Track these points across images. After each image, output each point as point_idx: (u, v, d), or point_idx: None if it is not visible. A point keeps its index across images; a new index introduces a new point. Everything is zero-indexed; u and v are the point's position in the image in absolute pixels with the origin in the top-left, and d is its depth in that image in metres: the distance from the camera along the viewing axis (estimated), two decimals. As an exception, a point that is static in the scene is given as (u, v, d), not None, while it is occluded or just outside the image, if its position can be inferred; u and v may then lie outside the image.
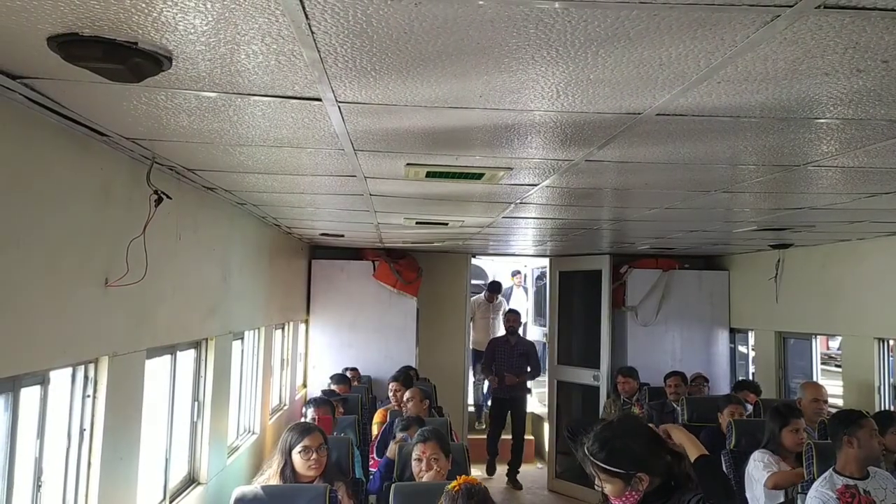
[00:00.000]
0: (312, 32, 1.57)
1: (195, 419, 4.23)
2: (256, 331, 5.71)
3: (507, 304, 13.67)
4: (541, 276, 12.74)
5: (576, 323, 9.03)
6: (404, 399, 5.64)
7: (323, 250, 8.23)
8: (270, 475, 3.86)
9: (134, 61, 1.64)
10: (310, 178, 3.68)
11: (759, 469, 4.55)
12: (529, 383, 9.36)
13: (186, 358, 4.15)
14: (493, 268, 13.55)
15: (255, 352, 5.74)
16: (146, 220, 3.00)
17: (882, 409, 5.71)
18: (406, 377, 6.59)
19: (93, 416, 2.83)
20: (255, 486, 3.51)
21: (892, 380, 5.82)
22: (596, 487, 2.40)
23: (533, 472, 9.21)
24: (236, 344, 5.08)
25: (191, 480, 4.21)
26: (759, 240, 6.34)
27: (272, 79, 1.95)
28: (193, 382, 4.24)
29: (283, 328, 6.94)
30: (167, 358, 3.79)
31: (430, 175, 3.35)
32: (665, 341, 8.18)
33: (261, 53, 1.74)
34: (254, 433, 5.65)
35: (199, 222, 3.99)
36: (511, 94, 2.06)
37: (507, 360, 8.67)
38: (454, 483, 2.75)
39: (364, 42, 1.63)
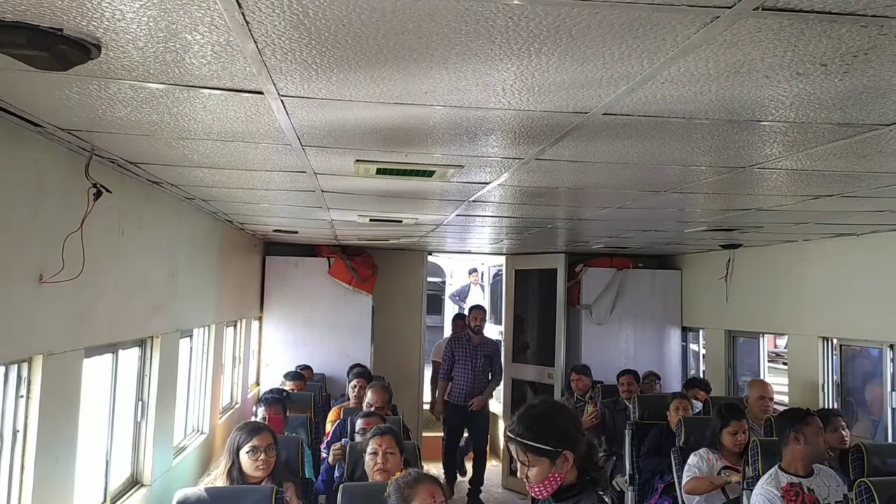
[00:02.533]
0: (247, 22, 1.52)
1: (139, 419, 4.12)
2: (206, 328, 5.59)
3: (465, 302, 13.71)
4: (498, 274, 12.78)
5: (531, 321, 9.07)
6: (368, 400, 5.55)
7: (277, 247, 8.12)
8: (217, 476, 3.79)
9: (59, 48, 1.57)
10: (259, 174, 3.61)
11: (684, 472, 4.63)
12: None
13: (130, 356, 4.04)
14: (451, 265, 13.56)
15: (205, 350, 5.63)
16: (84, 214, 2.90)
17: (825, 406, 5.85)
18: (368, 374, 6.55)
19: (26, 416, 2.73)
20: (198, 488, 3.43)
21: (835, 378, 5.96)
22: (519, 476, 2.37)
23: (487, 470, 9.23)
24: (184, 342, 4.97)
25: (134, 482, 4.10)
26: (709, 240, 6.43)
27: (210, 70, 1.90)
28: (137, 381, 4.13)
29: (235, 325, 6.82)
30: (108, 357, 3.69)
31: (380, 172, 3.32)
32: (619, 339, 8.27)
33: (196, 43, 1.69)
34: (202, 433, 5.55)
35: (144, 217, 3.88)
36: (457, 91, 2.03)
37: (470, 363, 7.73)
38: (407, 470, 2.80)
39: (302, 34, 1.59)
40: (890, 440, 5.36)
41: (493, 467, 9.39)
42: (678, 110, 2.16)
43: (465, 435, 8.20)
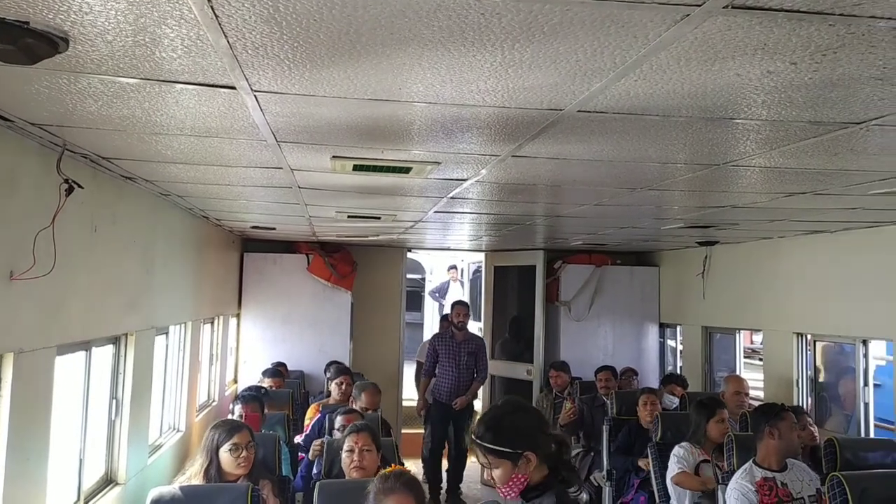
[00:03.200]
0: (217, 16, 1.51)
1: (113, 417, 4.08)
2: (182, 325, 5.55)
3: (444, 299, 13.72)
4: (477, 271, 12.79)
5: (510, 318, 9.09)
6: (353, 396, 5.53)
7: (255, 243, 8.07)
8: (193, 475, 3.74)
9: (26, 42, 1.55)
10: (235, 170, 3.58)
11: (672, 462, 4.66)
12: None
13: (104, 354, 4.00)
14: (430, 262, 13.55)
15: (181, 347, 5.58)
16: (55, 210, 2.86)
17: (800, 401, 5.92)
18: (350, 371, 6.53)
19: (-4, 415, 2.69)
20: (172, 487, 3.40)
21: (809, 373, 6.03)
22: (485, 478, 2.37)
23: (467, 467, 9.23)
24: (160, 339, 4.92)
25: (108, 480, 4.06)
26: (686, 237, 6.48)
27: (182, 65, 1.88)
28: (112, 379, 4.09)
29: (212, 322, 6.77)
30: (82, 354, 3.64)
31: (357, 168, 3.30)
32: (597, 336, 8.31)
33: (165, 37, 1.67)
34: (179, 431, 5.50)
35: (118, 213, 3.84)
36: (432, 87, 2.03)
37: (454, 361, 7.27)
38: (387, 469, 2.76)
39: (273, 29, 1.58)
40: (862, 434, 5.44)
41: (473, 463, 9.40)
42: (652, 107, 2.17)
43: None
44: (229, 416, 4.92)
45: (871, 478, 3.76)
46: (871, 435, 5.46)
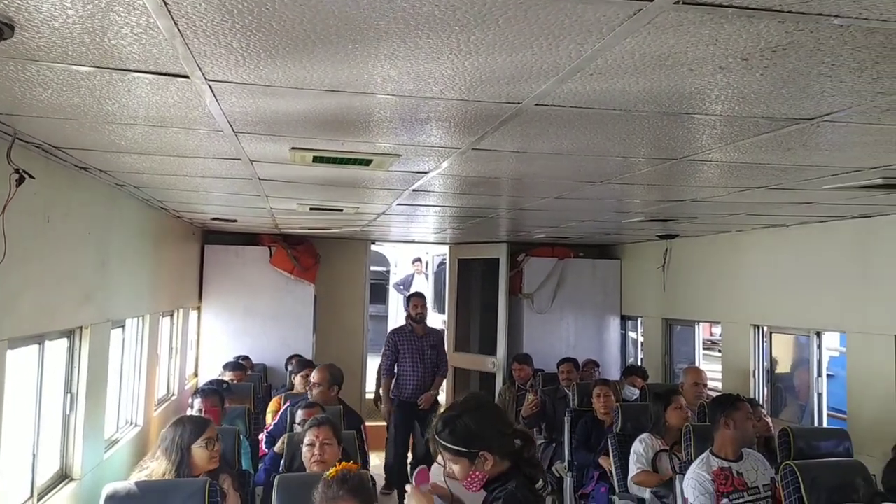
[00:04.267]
0: (166, 3, 1.48)
1: (68, 412, 4.00)
2: (140, 318, 5.46)
3: (409, 291, 13.71)
4: (442, 263, 12.80)
5: (474, 310, 9.11)
6: (312, 379, 5.42)
7: (217, 235, 7.97)
8: (157, 473, 3.66)
9: (-33, 27, 1.50)
10: (192, 160, 3.53)
11: (632, 462, 4.72)
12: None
13: (59, 347, 3.92)
14: (395, 254, 13.53)
15: (139, 340, 5.49)
16: (5, 200, 2.79)
17: (756, 392, 6.04)
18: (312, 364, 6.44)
19: (-57, 411, 2.62)
20: (128, 483, 3.34)
21: (765, 364, 6.16)
22: (447, 473, 2.40)
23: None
24: (116, 332, 4.84)
25: (63, 476, 3.98)
26: (647, 230, 6.55)
27: (132, 52, 1.84)
28: (66, 373, 4.01)
29: (171, 316, 6.67)
30: (35, 348, 3.56)
31: (316, 160, 3.28)
32: (560, 328, 8.37)
33: (114, 24, 1.63)
34: (136, 425, 5.42)
35: (72, 204, 3.76)
36: (389, 79, 2.02)
37: (418, 357, 6.96)
38: (332, 470, 2.71)
39: (224, 17, 1.55)
40: (815, 424, 5.57)
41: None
42: (609, 102, 2.19)
43: None
44: (188, 411, 4.86)
45: (822, 466, 3.86)
46: (825, 424, 5.60)
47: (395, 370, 7.04)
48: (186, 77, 2.03)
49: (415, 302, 7.22)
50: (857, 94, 2.02)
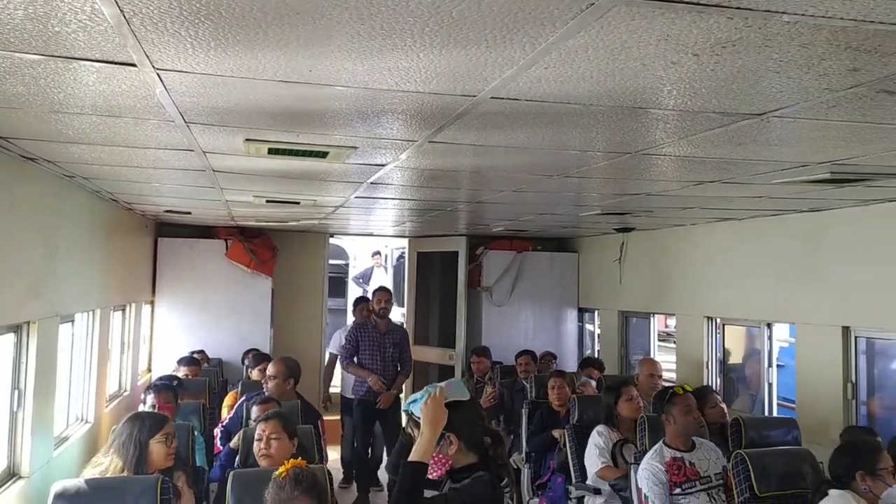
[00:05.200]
0: (109, -11, 1.44)
1: (15, 408, 3.90)
2: (90, 313, 5.33)
3: (368, 285, 13.65)
4: (401, 257, 12.77)
5: (433, 303, 9.12)
6: (268, 372, 5.36)
7: (171, 228, 7.82)
8: (112, 470, 3.58)
9: None
10: (143, 151, 3.45)
11: (594, 455, 4.77)
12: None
13: (5, 343, 3.81)
14: (354, 248, 13.46)
15: (89, 335, 5.37)
16: (-55, 191, 2.70)
17: (709, 382, 6.16)
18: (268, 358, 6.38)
19: None
20: (77, 480, 3.27)
21: (718, 355, 6.28)
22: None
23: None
24: (66, 327, 4.72)
25: (10, 474, 3.88)
26: (604, 223, 6.62)
27: (77, 40, 1.79)
28: (13, 369, 3.90)
29: (123, 310, 6.53)
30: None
31: (271, 152, 3.23)
32: (518, 321, 8.42)
33: (58, 10, 1.58)
34: (87, 422, 5.30)
35: (18, 195, 3.64)
36: (344, 71, 2.00)
37: (378, 353, 6.61)
38: (281, 469, 2.66)
39: (172, 3, 1.51)
40: (766, 413, 5.70)
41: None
42: (563, 96, 2.19)
43: None
44: (141, 407, 4.77)
45: (772, 455, 3.96)
46: (775, 413, 5.74)
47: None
48: (134, 65, 1.98)
49: (378, 296, 6.86)
50: (804, 91, 2.06)
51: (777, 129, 2.55)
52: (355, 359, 6.66)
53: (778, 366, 5.86)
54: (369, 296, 8.37)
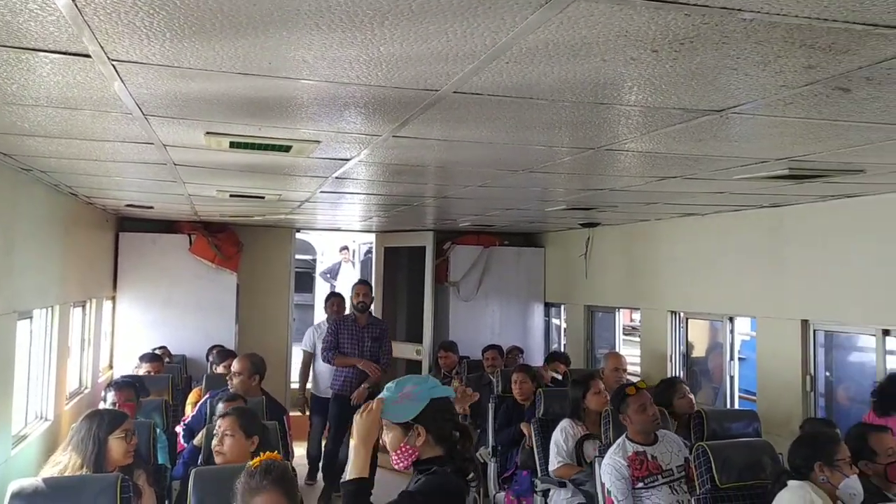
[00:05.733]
0: (60, -22, 1.41)
1: (-30, 408, 3.81)
2: (49, 309, 5.23)
3: (336, 280, 13.58)
4: (368, 252, 12.71)
5: (400, 298, 9.10)
6: (233, 368, 5.30)
7: (133, 222, 7.69)
8: (72, 468, 3.52)
9: None
10: (101, 144, 3.38)
11: (553, 454, 4.80)
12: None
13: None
14: (322, 243, 13.37)
15: (48, 331, 5.26)
16: None
17: (673, 374, 6.23)
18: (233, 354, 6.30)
19: None
20: (35, 479, 3.20)
21: (682, 349, 6.36)
22: (381, 443, 2.46)
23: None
24: (23, 324, 4.62)
25: (-35, 475, 3.79)
26: (570, 218, 6.66)
27: (30, 30, 1.74)
28: (-32, 367, 3.81)
29: (83, 306, 6.41)
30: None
31: (233, 145, 3.19)
32: (485, 315, 8.44)
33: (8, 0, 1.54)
34: (47, 420, 5.20)
35: (-29, 189, 3.56)
36: (304, 64, 1.98)
37: (357, 348, 6.49)
38: (255, 460, 2.66)
39: (125, -6, 1.48)
40: (728, 406, 5.79)
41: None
42: (526, 90, 2.20)
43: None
44: (101, 405, 4.69)
45: (733, 447, 4.01)
46: (736, 406, 5.83)
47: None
48: (88, 56, 1.94)
49: (357, 289, 6.73)
50: (761, 88, 2.08)
51: (736, 125, 2.59)
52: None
53: (740, 359, 5.95)
54: (338, 291, 8.32)
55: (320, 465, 6.93)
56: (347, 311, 7.14)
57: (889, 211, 4.23)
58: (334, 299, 7.57)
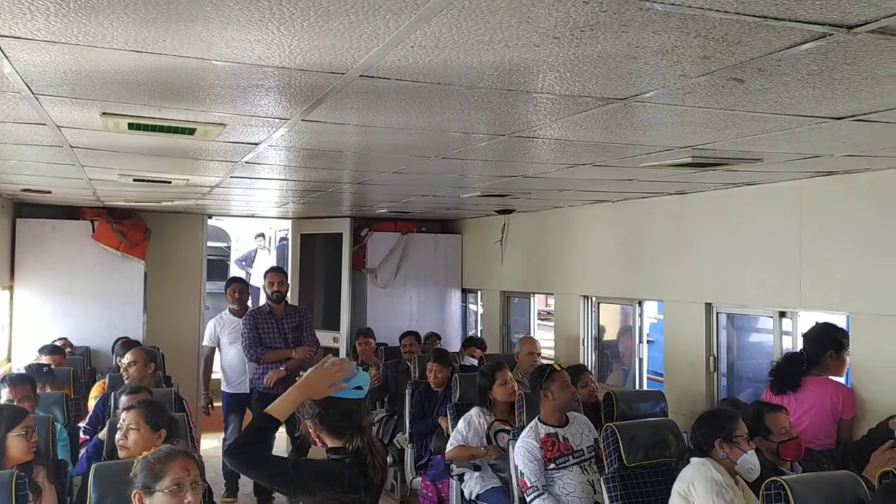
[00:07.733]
0: (-79, -58, 1.30)
1: None
2: (-63, 300, 4.92)
3: (251, 267, 13.30)
4: (284, 239, 12.48)
5: (317, 285, 8.99)
6: (124, 363, 5.15)
7: (31, 208, 7.30)
8: None
9: None
10: (-12, 125, 3.18)
11: (452, 436, 4.86)
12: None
13: None
14: (237, 229, 13.06)
15: (-63, 324, 4.95)
16: None
17: (585, 358, 6.39)
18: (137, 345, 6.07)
19: None
20: (-83, 481, 3.01)
21: (594, 333, 6.52)
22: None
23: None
24: None
25: None
26: (486, 205, 6.71)
27: None
28: None
29: (-23, 296, 6.07)
30: None
31: (132, 127, 3.05)
32: (403, 302, 8.44)
33: None
34: (-64, 417, 4.89)
35: None
36: (200, 41, 1.90)
37: (280, 341, 6.20)
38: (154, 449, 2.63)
39: (-2, -38, 1.39)
40: (637, 387, 5.98)
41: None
42: (433, 75, 2.18)
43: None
44: (-4, 400, 4.45)
45: (640, 426, 4.14)
46: (645, 387, 6.02)
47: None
48: (-35, 29, 1.81)
49: (270, 278, 6.36)
50: (661, 77, 2.13)
51: (640, 113, 2.64)
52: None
53: (648, 341, 6.14)
54: (256, 278, 8.00)
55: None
56: (262, 302, 6.92)
57: (786, 199, 4.43)
58: (235, 285, 7.17)
